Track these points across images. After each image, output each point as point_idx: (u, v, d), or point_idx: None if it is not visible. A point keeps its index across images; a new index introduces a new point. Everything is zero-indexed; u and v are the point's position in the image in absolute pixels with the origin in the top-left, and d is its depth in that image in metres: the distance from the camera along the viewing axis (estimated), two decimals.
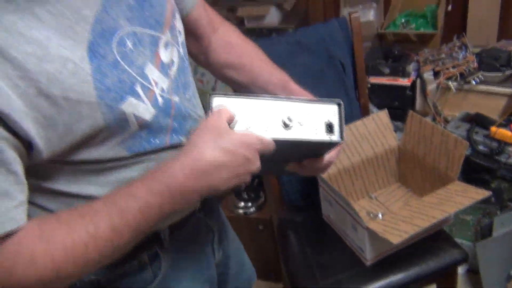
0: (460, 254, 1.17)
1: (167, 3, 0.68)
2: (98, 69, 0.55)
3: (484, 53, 1.62)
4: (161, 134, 0.66)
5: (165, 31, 0.66)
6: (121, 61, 0.58)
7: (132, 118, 0.60)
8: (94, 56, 0.55)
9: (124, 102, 0.58)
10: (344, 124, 0.65)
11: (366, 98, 1.39)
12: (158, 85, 0.64)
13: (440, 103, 1.70)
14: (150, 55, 0.63)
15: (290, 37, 1.30)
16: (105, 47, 0.56)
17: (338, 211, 1.21)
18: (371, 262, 1.17)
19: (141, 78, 0.60)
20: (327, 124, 0.63)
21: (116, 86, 0.57)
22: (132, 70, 0.59)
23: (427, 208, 1.06)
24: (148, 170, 0.66)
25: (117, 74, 0.57)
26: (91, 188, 0.63)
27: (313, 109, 0.63)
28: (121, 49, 0.58)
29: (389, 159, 1.36)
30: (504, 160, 1.46)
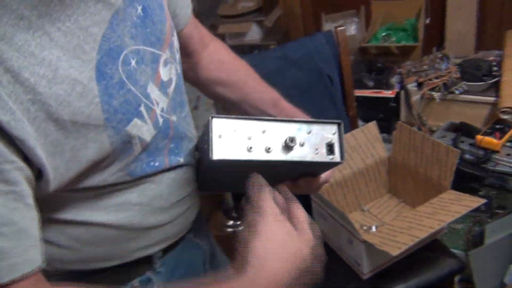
0: (457, 264, 1.17)
1: (167, 20, 0.66)
2: (105, 90, 0.52)
3: (465, 63, 1.65)
4: (159, 156, 0.63)
5: (165, 48, 0.64)
6: (126, 80, 0.55)
7: (137, 141, 0.58)
8: (102, 76, 0.52)
9: (130, 124, 0.56)
10: (344, 144, 0.65)
11: (354, 111, 1.39)
12: (159, 104, 0.61)
13: (424, 114, 1.71)
14: (151, 73, 0.60)
15: (277, 52, 1.30)
16: (112, 66, 0.53)
17: (333, 225, 1.20)
18: (368, 276, 1.15)
19: (144, 98, 0.58)
20: (328, 144, 0.63)
21: (122, 108, 0.54)
22: (137, 90, 0.57)
23: (423, 218, 1.06)
24: (146, 192, 0.64)
25: (123, 95, 0.55)
26: (87, 214, 0.60)
27: (314, 129, 0.63)
28: (126, 68, 0.55)
29: (379, 170, 1.36)
30: (492, 167, 1.47)
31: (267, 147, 0.59)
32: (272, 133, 0.60)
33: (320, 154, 0.63)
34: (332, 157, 0.63)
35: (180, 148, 0.68)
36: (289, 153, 0.60)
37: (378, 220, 1.34)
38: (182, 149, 0.68)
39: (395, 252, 0.97)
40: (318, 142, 0.63)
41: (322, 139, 0.63)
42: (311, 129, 0.62)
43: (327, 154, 0.63)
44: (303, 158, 0.61)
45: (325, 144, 0.63)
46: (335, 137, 0.64)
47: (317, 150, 0.62)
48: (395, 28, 1.98)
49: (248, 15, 2.14)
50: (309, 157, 0.62)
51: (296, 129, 0.62)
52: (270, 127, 0.60)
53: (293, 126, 0.62)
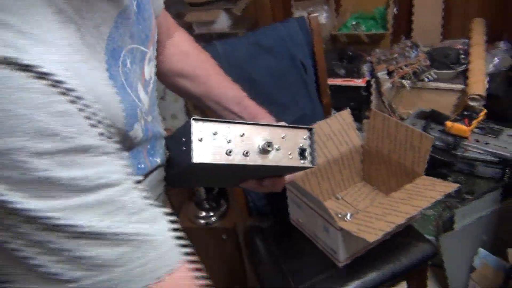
0: (431, 248, 1.18)
1: (153, 15, 0.64)
2: (119, 94, 0.49)
3: (434, 51, 1.67)
4: (141, 158, 0.61)
5: (150, 46, 0.61)
6: (125, 83, 0.51)
7: (133, 144, 0.55)
8: (110, 78, 0.48)
9: (133, 129, 0.53)
10: (315, 149, 0.67)
11: (328, 98, 1.38)
12: (144, 106, 0.58)
13: (395, 102, 1.73)
14: (139, 73, 0.57)
15: (249, 38, 1.26)
16: (116, 68, 0.50)
17: (308, 213, 1.18)
18: (344, 263, 1.15)
19: (138, 100, 0.55)
20: (300, 149, 0.66)
21: (128, 111, 0.51)
22: (132, 92, 0.53)
23: (398, 204, 1.06)
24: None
25: (127, 98, 0.51)
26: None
27: (288, 134, 0.65)
28: (124, 70, 0.52)
29: (353, 158, 1.35)
30: (461, 154, 1.49)
31: (245, 151, 0.60)
32: (250, 137, 0.61)
33: (293, 159, 0.65)
34: (304, 162, 0.66)
35: (155, 149, 0.65)
36: (265, 157, 0.62)
37: (352, 207, 1.33)
38: (157, 149, 0.66)
39: (372, 238, 0.96)
40: (291, 147, 0.65)
41: (295, 144, 0.66)
42: (285, 134, 0.64)
43: (299, 159, 0.66)
44: (278, 162, 0.63)
45: (298, 149, 0.66)
46: (306, 142, 0.67)
47: (290, 154, 0.65)
48: (365, 16, 1.98)
49: (216, 3, 2.09)
50: (283, 162, 0.64)
51: (272, 133, 0.63)
52: (248, 131, 0.61)
53: (270, 130, 0.63)
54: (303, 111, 1.34)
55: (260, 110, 0.80)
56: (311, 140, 0.67)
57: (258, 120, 0.78)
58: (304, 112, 1.34)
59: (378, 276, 1.13)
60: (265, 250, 1.28)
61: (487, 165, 1.48)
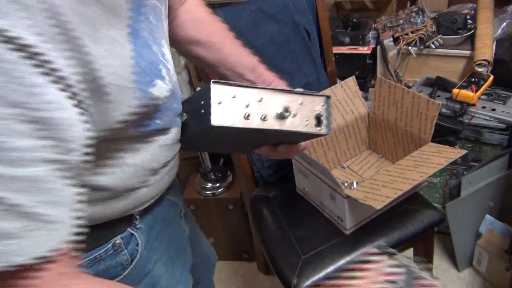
0: (438, 215, 1.18)
1: None
2: (136, 50, 0.50)
3: (441, 17, 1.63)
4: (164, 114, 0.61)
5: (162, 3, 0.61)
6: (149, 38, 0.52)
7: (159, 103, 0.56)
8: (133, 35, 0.49)
9: (155, 86, 0.53)
10: (331, 116, 0.67)
11: (333, 66, 1.36)
12: (170, 63, 0.59)
13: (401, 69, 1.70)
14: (162, 30, 0.58)
15: (252, 5, 1.24)
16: (140, 24, 0.50)
17: (314, 182, 1.18)
18: (350, 231, 1.16)
19: (162, 57, 0.56)
20: (317, 116, 0.66)
21: (148, 68, 0.52)
22: (156, 48, 0.54)
23: (405, 171, 1.05)
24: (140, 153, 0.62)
25: (148, 54, 0.52)
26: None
27: (305, 101, 0.65)
28: (148, 26, 0.52)
29: (359, 126, 1.34)
30: (467, 121, 1.48)
31: (263, 116, 0.60)
32: (268, 102, 0.61)
33: (310, 125, 0.66)
34: (320, 129, 0.67)
35: (176, 108, 0.66)
36: (282, 122, 0.62)
37: (358, 176, 1.33)
38: (177, 108, 0.67)
39: (379, 205, 0.96)
40: (308, 113, 0.65)
41: (311, 111, 0.66)
42: (303, 100, 0.65)
43: (315, 126, 0.66)
44: (295, 128, 0.64)
45: (314, 115, 0.66)
46: (323, 109, 0.67)
47: (307, 121, 0.65)
48: None
49: None
50: (300, 128, 0.64)
51: (290, 99, 0.64)
52: (266, 96, 0.61)
53: (287, 96, 0.63)
54: (308, 79, 1.33)
55: (274, 78, 0.79)
56: (327, 107, 0.67)
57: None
58: (309, 80, 1.32)
59: (384, 243, 1.14)
60: (271, 219, 1.28)
61: (494, 131, 1.46)
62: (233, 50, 0.82)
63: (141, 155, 0.62)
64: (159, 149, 0.64)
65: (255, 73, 0.79)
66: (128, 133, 0.56)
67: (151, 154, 0.63)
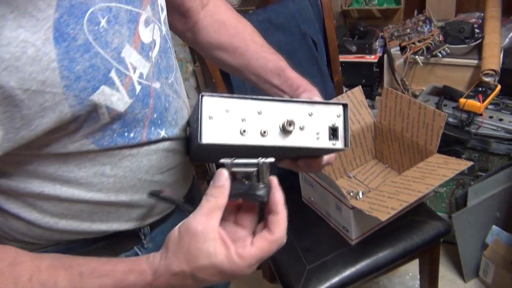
0: (443, 226, 1.18)
1: None
2: (65, 54, 0.46)
3: (448, 26, 1.63)
4: (137, 127, 0.58)
5: (145, 6, 0.58)
6: (93, 42, 0.49)
7: (104, 110, 0.52)
8: (62, 37, 0.45)
9: (96, 92, 0.50)
10: (349, 128, 0.59)
11: (339, 76, 1.37)
12: (136, 70, 0.55)
13: (407, 78, 1.70)
14: (128, 34, 0.54)
15: (260, 15, 1.25)
16: (75, 26, 0.47)
17: (320, 192, 1.18)
18: (356, 241, 1.15)
19: (116, 63, 0.52)
20: (331, 128, 0.58)
21: (87, 74, 0.48)
22: (106, 53, 0.50)
23: (411, 183, 1.05)
24: (122, 163, 0.59)
25: (89, 59, 0.48)
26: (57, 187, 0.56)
27: (316, 111, 0.57)
28: (93, 28, 0.49)
29: (365, 136, 1.34)
30: (474, 130, 1.47)
31: (262, 130, 0.54)
32: (269, 114, 0.54)
33: (322, 139, 0.57)
34: (335, 143, 0.58)
35: (163, 119, 0.62)
36: (286, 137, 0.55)
37: (364, 186, 1.33)
38: (166, 120, 0.62)
39: (384, 217, 0.96)
40: (320, 126, 0.57)
41: (325, 122, 0.58)
42: (313, 110, 0.57)
43: (330, 139, 0.58)
44: (302, 143, 0.56)
45: (328, 127, 0.58)
46: (339, 120, 0.58)
47: (318, 134, 0.57)
48: None
49: None
50: (309, 143, 0.57)
51: (297, 110, 0.56)
52: (267, 108, 0.54)
53: (293, 106, 0.56)
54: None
55: (302, 82, 0.74)
56: (344, 117, 0.58)
57: (301, 93, 0.72)
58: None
59: (390, 254, 1.13)
60: None
61: (501, 141, 1.46)
62: (257, 53, 0.77)
63: (123, 166, 0.59)
64: (147, 160, 0.62)
65: (281, 78, 0.75)
66: (85, 146, 0.54)
67: (137, 165, 0.61)
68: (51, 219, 0.59)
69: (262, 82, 0.77)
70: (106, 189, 0.59)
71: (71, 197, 0.57)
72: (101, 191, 0.59)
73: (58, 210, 0.58)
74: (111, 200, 0.60)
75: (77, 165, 0.56)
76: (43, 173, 0.54)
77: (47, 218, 0.59)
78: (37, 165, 0.53)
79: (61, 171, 0.55)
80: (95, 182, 0.58)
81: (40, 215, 0.58)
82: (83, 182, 0.57)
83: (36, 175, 0.54)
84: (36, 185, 0.55)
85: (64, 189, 0.56)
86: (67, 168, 0.55)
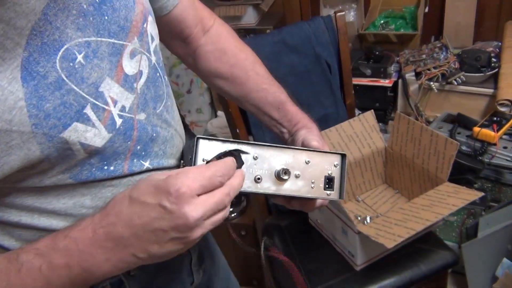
0: (452, 257, 1.16)
1: (137, 4, 0.57)
2: (34, 92, 0.45)
3: (464, 54, 1.62)
4: (117, 160, 0.56)
5: (131, 38, 0.56)
6: (66, 79, 0.47)
7: (78, 146, 0.50)
8: (30, 76, 0.45)
9: (67, 130, 0.48)
10: (346, 179, 0.59)
11: (352, 99, 1.37)
12: (117, 103, 0.54)
13: (421, 104, 1.69)
14: (109, 68, 0.52)
15: (275, 36, 1.26)
16: (46, 64, 0.46)
17: (327, 215, 1.18)
18: (361, 267, 1.14)
19: (93, 98, 0.50)
20: (327, 177, 0.58)
21: (57, 111, 0.47)
22: (81, 89, 0.49)
23: (419, 210, 1.04)
24: (102, 194, 0.57)
25: (60, 96, 0.47)
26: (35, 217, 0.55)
27: (313, 159, 0.57)
28: (67, 65, 0.48)
29: (376, 160, 1.34)
30: (488, 160, 1.46)
31: (257, 177, 0.54)
32: (265, 160, 0.55)
33: (316, 188, 0.57)
34: (329, 193, 0.58)
35: (148, 150, 0.60)
36: (281, 185, 0.55)
37: (372, 211, 1.32)
38: (152, 151, 0.61)
39: (390, 244, 0.95)
40: (316, 174, 0.57)
41: (321, 171, 0.58)
42: (310, 158, 0.57)
43: (325, 189, 0.58)
44: (296, 192, 0.56)
45: (324, 176, 0.58)
46: (336, 170, 0.58)
47: (313, 183, 0.57)
48: (394, 15, 1.95)
49: None
50: (303, 191, 0.57)
51: (293, 157, 0.56)
52: (263, 154, 0.55)
53: (290, 153, 0.56)
54: (326, 111, 1.33)
55: (302, 117, 0.73)
56: (342, 167, 0.59)
57: (299, 129, 0.71)
58: (327, 112, 1.33)
59: (395, 282, 1.12)
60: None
61: None
62: (257, 84, 0.76)
63: (104, 197, 0.58)
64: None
65: (281, 111, 0.74)
66: (63, 181, 0.53)
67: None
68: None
69: (261, 114, 0.76)
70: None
71: (49, 227, 0.56)
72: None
73: (36, 239, 0.56)
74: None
75: (56, 196, 0.54)
76: (20, 204, 0.53)
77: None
78: (14, 197, 0.52)
79: (39, 203, 0.54)
80: (74, 213, 0.56)
81: (18, 243, 0.57)
82: (62, 213, 0.56)
83: (13, 206, 0.53)
84: (13, 214, 0.54)
85: (42, 219, 0.55)
86: (45, 200, 0.54)
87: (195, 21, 0.75)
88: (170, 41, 0.77)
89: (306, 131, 0.70)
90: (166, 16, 0.71)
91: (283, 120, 0.74)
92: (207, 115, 2.38)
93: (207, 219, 0.48)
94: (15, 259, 0.48)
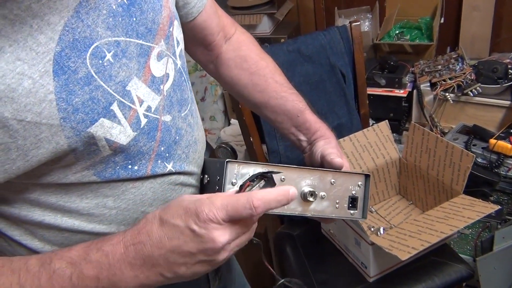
0: (466, 270, 1.14)
1: (163, 8, 0.60)
2: (64, 86, 0.47)
3: (481, 65, 1.61)
4: (142, 160, 0.58)
5: (158, 40, 0.58)
6: (95, 75, 0.49)
7: (103, 142, 0.52)
8: (61, 70, 0.46)
9: (94, 125, 0.50)
10: (369, 199, 0.60)
11: (366, 109, 1.36)
12: (143, 103, 0.56)
13: (436, 115, 1.68)
14: (136, 68, 0.54)
15: (290, 46, 1.26)
16: (77, 60, 0.47)
17: (340, 225, 1.17)
18: (374, 279, 1.13)
19: (120, 96, 0.52)
20: (351, 197, 0.59)
21: (85, 106, 0.49)
22: (109, 86, 0.51)
23: (434, 223, 1.02)
24: (125, 195, 0.58)
25: (89, 92, 0.49)
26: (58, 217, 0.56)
27: (338, 180, 0.58)
28: (97, 62, 0.49)
29: (390, 171, 1.33)
30: (504, 173, 1.44)
31: None
32: (292, 181, 0.56)
33: (341, 208, 0.59)
34: (353, 212, 0.60)
35: (172, 153, 0.61)
36: (306, 206, 0.57)
37: (386, 222, 1.31)
38: (175, 154, 0.62)
39: (404, 256, 0.94)
40: (341, 194, 0.59)
41: (345, 191, 0.59)
42: (335, 179, 0.58)
43: (348, 208, 0.59)
44: (321, 213, 0.58)
45: (348, 196, 0.59)
46: (360, 191, 0.60)
47: (337, 203, 0.59)
48: (409, 26, 1.94)
49: (259, 7, 2.10)
50: (328, 212, 0.58)
51: (319, 178, 0.57)
52: (289, 175, 0.56)
53: (316, 174, 0.57)
54: (340, 120, 1.33)
55: (320, 126, 0.74)
56: (365, 188, 0.60)
57: (317, 138, 0.72)
58: (341, 121, 1.32)
59: None
60: (294, 258, 1.27)
61: None
62: (277, 92, 0.77)
63: (126, 198, 0.59)
64: (152, 193, 0.61)
65: (299, 120, 0.74)
66: (87, 178, 0.54)
67: (140, 198, 0.60)
68: (51, 248, 0.59)
69: (279, 121, 0.77)
70: (108, 220, 0.59)
71: (71, 228, 0.57)
72: (102, 222, 0.59)
73: (58, 240, 0.58)
74: (112, 231, 0.60)
75: (79, 195, 0.56)
76: (44, 203, 0.54)
77: (47, 247, 0.59)
78: (39, 194, 0.53)
79: (63, 201, 0.55)
80: (96, 214, 0.58)
81: (41, 243, 0.58)
82: (84, 213, 0.57)
83: (37, 204, 0.54)
84: (37, 214, 0.55)
85: (65, 219, 0.56)
86: (69, 199, 0.55)
87: (217, 28, 0.77)
88: (193, 47, 0.79)
89: (324, 142, 0.70)
90: (191, 23, 0.73)
91: (302, 128, 0.74)
92: (221, 122, 2.40)
93: (233, 241, 0.50)
94: (48, 263, 0.49)
